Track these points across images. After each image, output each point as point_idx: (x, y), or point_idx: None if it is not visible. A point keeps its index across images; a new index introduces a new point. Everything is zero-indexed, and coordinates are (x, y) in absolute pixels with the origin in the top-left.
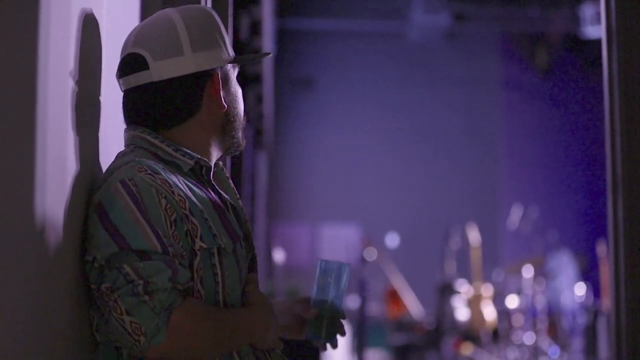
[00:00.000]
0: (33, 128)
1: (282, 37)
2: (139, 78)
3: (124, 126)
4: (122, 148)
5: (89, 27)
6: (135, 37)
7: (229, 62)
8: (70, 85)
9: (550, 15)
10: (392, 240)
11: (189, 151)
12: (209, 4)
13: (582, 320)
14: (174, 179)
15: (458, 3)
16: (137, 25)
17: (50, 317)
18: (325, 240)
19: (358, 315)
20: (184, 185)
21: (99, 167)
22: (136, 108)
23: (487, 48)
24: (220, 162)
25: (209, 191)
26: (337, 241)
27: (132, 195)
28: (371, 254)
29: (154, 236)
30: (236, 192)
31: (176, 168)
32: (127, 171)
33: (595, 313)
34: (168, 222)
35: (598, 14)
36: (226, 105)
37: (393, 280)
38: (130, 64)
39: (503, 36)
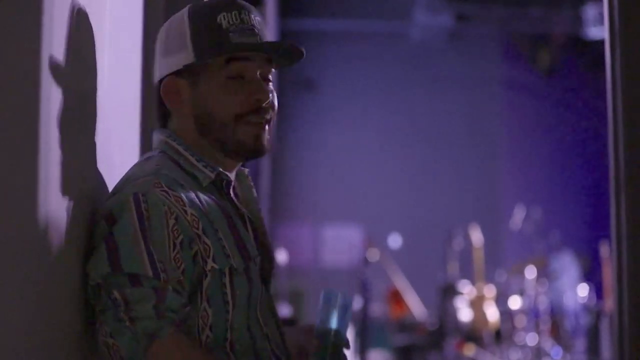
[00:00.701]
0: (37, 131)
1: (285, 38)
2: (155, 74)
3: (124, 130)
4: (122, 152)
5: (88, 27)
6: (159, 36)
7: (185, 65)
8: (69, 86)
9: (552, 16)
10: (395, 241)
11: (210, 162)
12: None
13: (584, 321)
14: (192, 195)
15: (460, 3)
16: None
17: (52, 323)
18: (328, 241)
19: (361, 316)
20: (202, 201)
21: (97, 172)
22: (156, 104)
23: (490, 49)
24: (246, 170)
25: (226, 206)
26: (340, 242)
27: (140, 213)
28: (374, 255)
29: (148, 260)
30: (258, 202)
31: (195, 182)
32: (143, 185)
33: (597, 314)
34: (171, 245)
35: (601, 14)
36: (191, 109)
37: (395, 281)
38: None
39: (505, 37)
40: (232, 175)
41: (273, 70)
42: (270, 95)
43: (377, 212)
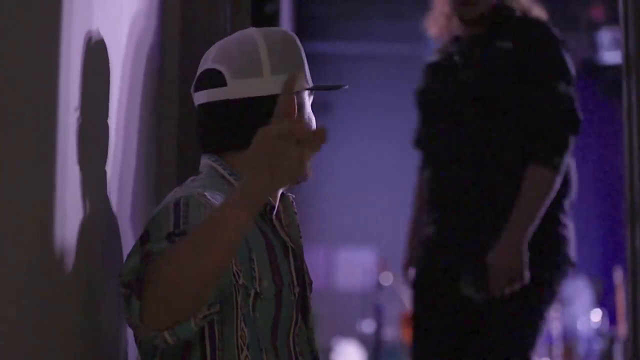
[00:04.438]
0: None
1: None
2: (215, 94)
3: (133, 158)
4: (133, 179)
5: (103, 51)
6: (215, 53)
7: (306, 89)
8: (85, 115)
9: (567, 40)
10: None
11: None
12: (229, 29)
13: (598, 346)
14: None
15: None
16: (218, 42)
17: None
18: (341, 265)
19: (374, 339)
20: None
21: (109, 198)
22: (206, 125)
23: None
24: (291, 196)
25: (267, 230)
26: (353, 265)
27: (177, 207)
28: (387, 279)
29: (173, 224)
30: (299, 229)
31: None
32: (186, 193)
33: (611, 339)
34: None
35: (615, 39)
36: None
37: (409, 304)
38: (207, 79)
39: None
40: (275, 200)
41: None
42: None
43: (391, 235)
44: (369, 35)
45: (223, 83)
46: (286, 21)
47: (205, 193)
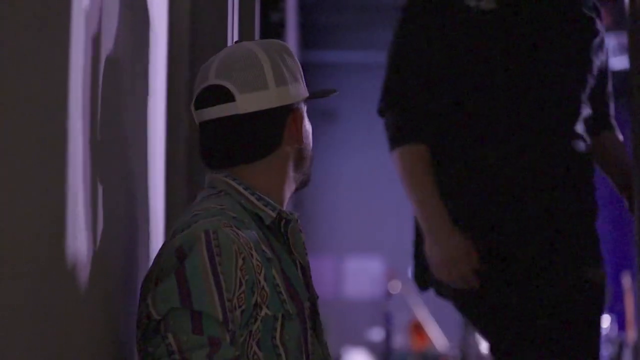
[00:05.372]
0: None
1: (305, 69)
2: (224, 110)
3: (150, 172)
4: (148, 191)
5: (113, 56)
6: (217, 70)
7: (305, 97)
8: (102, 125)
9: None
10: None
11: (271, 201)
12: (235, 38)
13: (607, 352)
14: (255, 238)
15: None
16: (214, 57)
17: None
18: (350, 273)
19: (383, 348)
20: (263, 244)
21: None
22: (216, 140)
23: None
24: (296, 214)
25: (280, 248)
26: (362, 274)
27: (210, 249)
28: (395, 287)
29: (218, 299)
30: (305, 247)
31: (258, 220)
32: (213, 223)
33: (620, 345)
34: (238, 282)
35: (621, 44)
36: (296, 142)
37: (417, 313)
38: (212, 95)
39: None
40: (288, 215)
41: None
42: None
43: (399, 244)
44: (374, 44)
45: (231, 98)
46: (291, 30)
47: (229, 221)
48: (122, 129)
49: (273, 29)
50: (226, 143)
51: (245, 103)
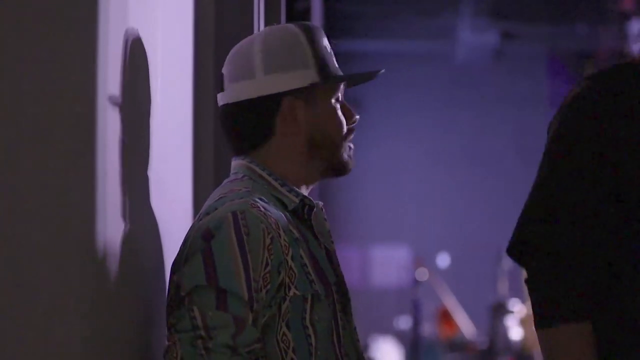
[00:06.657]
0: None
1: None
2: (219, 99)
3: (177, 156)
4: (175, 177)
5: (142, 55)
6: (227, 57)
7: (310, 83)
8: (125, 114)
9: (598, 32)
10: (443, 260)
11: (294, 187)
12: (262, 26)
13: None
14: (283, 219)
15: (505, 22)
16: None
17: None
18: (376, 262)
19: (411, 335)
20: (288, 227)
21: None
22: (222, 127)
23: (535, 66)
24: (321, 203)
25: (306, 233)
26: (388, 263)
27: (238, 229)
28: (423, 275)
29: (245, 278)
30: (331, 234)
31: (281, 205)
32: (241, 205)
33: None
34: (264, 262)
35: None
36: (306, 129)
37: (445, 300)
38: (217, 83)
39: (551, 54)
40: (312, 202)
41: None
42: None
43: (426, 232)
44: (399, 32)
45: (222, 88)
46: (317, 19)
47: (257, 200)
48: (148, 116)
49: (298, 18)
50: (225, 131)
51: (231, 92)
